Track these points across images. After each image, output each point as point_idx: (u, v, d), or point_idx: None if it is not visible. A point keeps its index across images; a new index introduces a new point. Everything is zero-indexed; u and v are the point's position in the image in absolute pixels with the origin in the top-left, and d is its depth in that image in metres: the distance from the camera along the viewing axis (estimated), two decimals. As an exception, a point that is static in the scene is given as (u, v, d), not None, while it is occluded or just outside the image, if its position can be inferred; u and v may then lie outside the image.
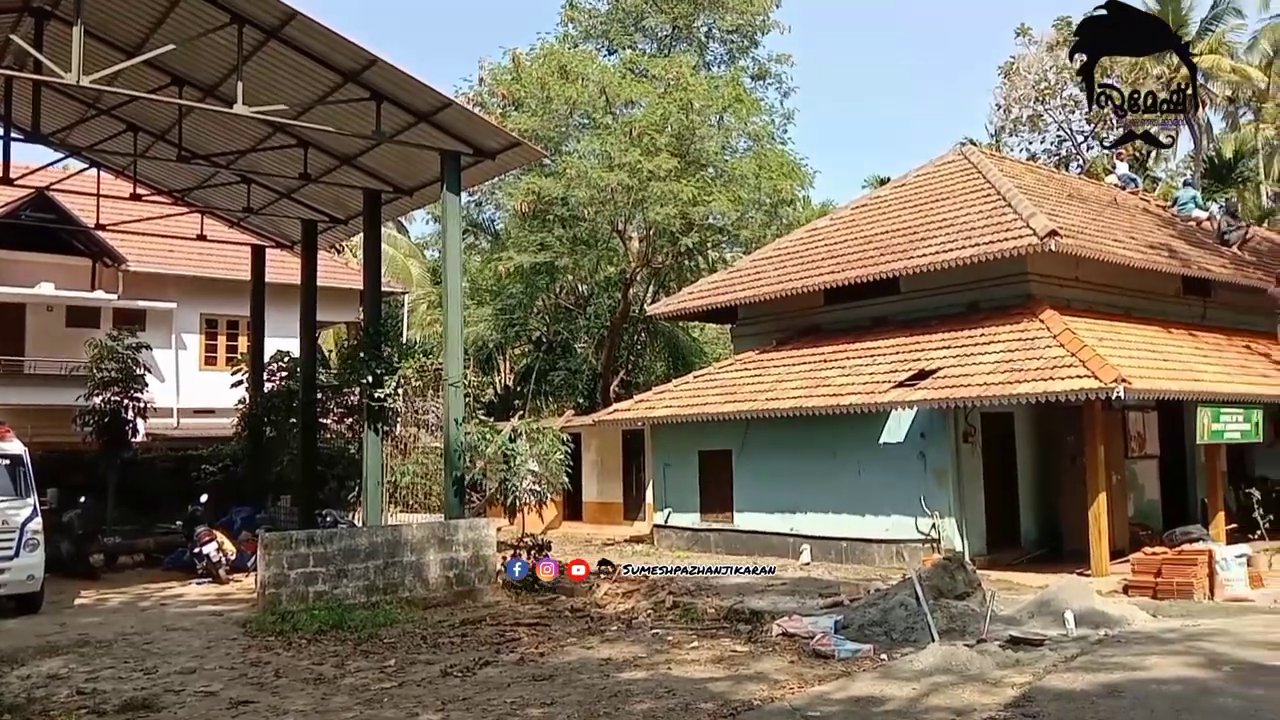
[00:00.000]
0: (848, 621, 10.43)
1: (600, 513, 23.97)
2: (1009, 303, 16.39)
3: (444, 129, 14.10)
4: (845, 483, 16.29)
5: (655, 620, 11.55)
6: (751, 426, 17.59)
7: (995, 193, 17.90)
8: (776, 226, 29.13)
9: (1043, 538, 16.27)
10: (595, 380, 33.20)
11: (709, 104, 27.13)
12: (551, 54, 28.56)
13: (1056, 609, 10.44)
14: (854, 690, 7.93)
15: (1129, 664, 8.50)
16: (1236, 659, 8.60)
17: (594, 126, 28.12)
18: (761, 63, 33.20)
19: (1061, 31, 37.98)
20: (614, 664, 9.23)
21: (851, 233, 19.92)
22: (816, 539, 16.61)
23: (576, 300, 33.90)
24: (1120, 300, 17.53)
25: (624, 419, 20.71)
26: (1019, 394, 13.63)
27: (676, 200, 25.78)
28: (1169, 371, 15.15)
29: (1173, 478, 18.14)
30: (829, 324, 19.19)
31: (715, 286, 21.67)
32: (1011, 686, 7.85)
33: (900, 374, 15.58)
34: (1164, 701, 7.28)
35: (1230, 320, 19.33)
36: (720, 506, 18.45)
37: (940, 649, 8.74)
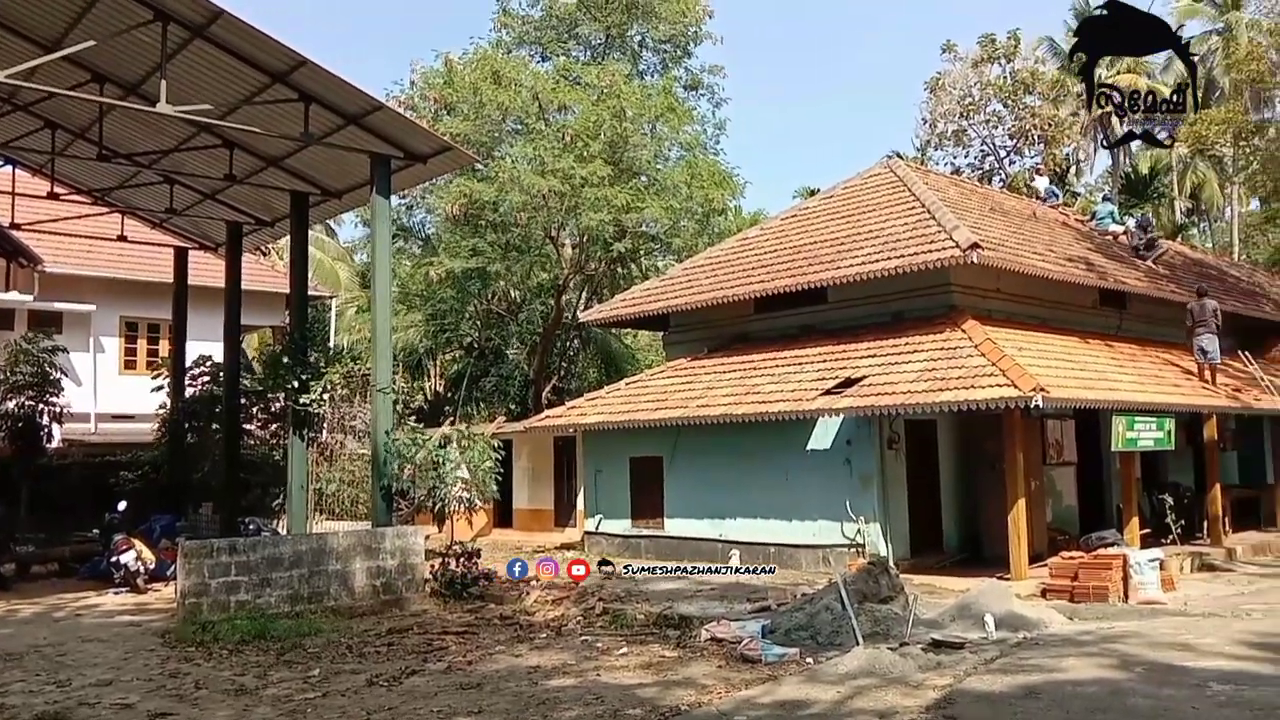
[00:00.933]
0: (775, 626, 10.55)
1: (531, 520, 23.86)
2: (933, 313, 16.74)
3: (374, 132, 13.95)
4: (774, 489, 16.47)
5: (585, 627, 11.54)
6: (682, 433, 17.70)
7: (920, 206, 18.28)
8: (708, 235, 29.38)
9: (964, 542, 16.63)
10: (527, 387, 33.11)
11: (642, 112, 27.28)
12: (484, 59, 28.45)
13: (977, 612, 10.69)
14: (780, 694, 8.02)
15: (1046, 666, 8.73)
16: (1148, 660, 8.89)
17: (527, 132, 28.08)
18: (694, 73, 33.51)
19: (986, 49, 38.96)
20: (543, 671, 9.21)
21: (781, 243, 20.17)
22: (745, 544, 16.74)
23: (509, 306, 33.76)
24: (1039, 311, 18.02)
25: (556, 426, 20.67)
26: (941, 402, 13.93)
27: (610, 207, 25.84)
28: (1086, 381, 15.60)
29: (1089, 484, 18.68)
30: (759, 332, 19.40)
31: (648, 294, 21.76)
32: (933, 689, 8.02)
33: (827, 382, 15.81)
34: (1079, 702, 7.50)
35: (1144, 331, 19.99)
36: (651, 513, 18.51)
37: (864, 652, 8.89)
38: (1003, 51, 38.93)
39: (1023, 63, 39.53)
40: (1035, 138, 38.67)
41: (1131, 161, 43.39)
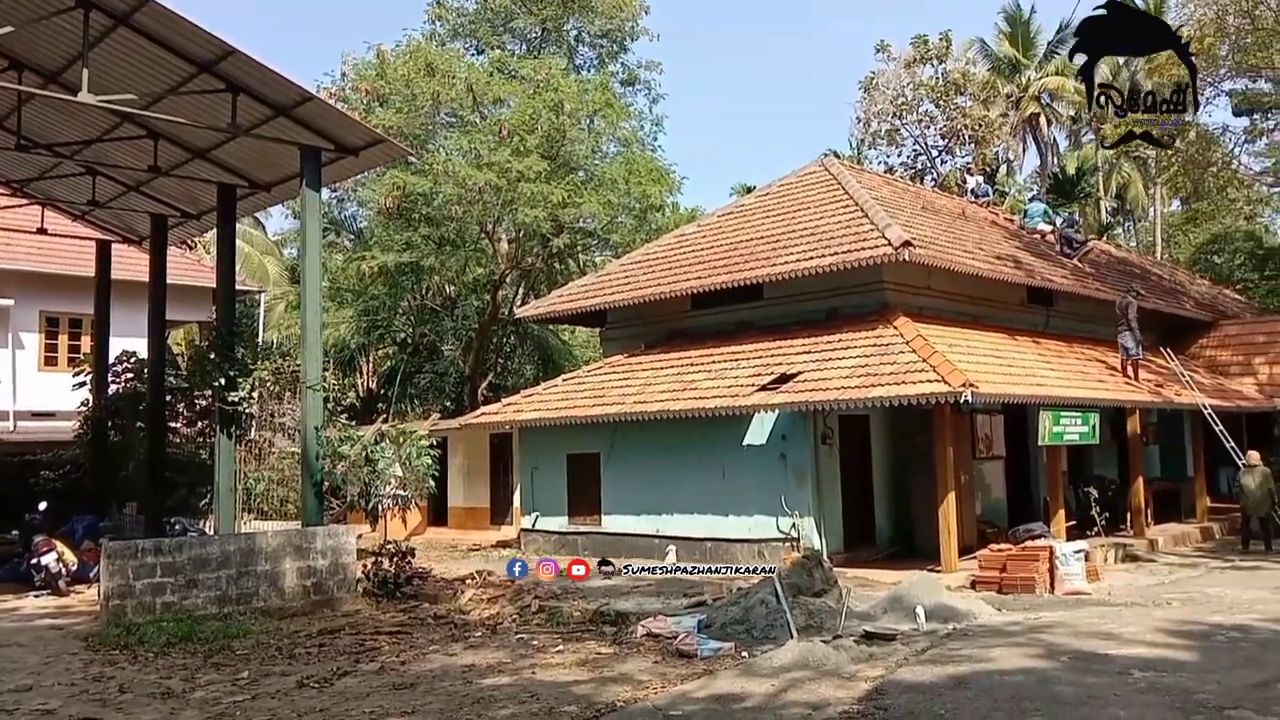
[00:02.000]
0: (710, 620, 10.60)
1: (466, 518, 23.67)
2: (866, 310, 16.96)
3: (304, 124, 13.68)
4: (710, 484, 16.55)
5: (520, 625, 11.48)
6: (619, 429, 17.69)
7: (854, 204, 18.50)
8: (646, 231, 29.39)
9: (896, 536, 16.87)
10: (463, 383, 32.84)
11: (579, 107, 27.18)
12: (418, 51, 28.11)
13: (908, 604, 10.85)
14: (715, 688, 8.06)
15: (975, 656, 8.90)
16: (1073, 649, 9.11)
17: (461, 125, 27.82)
18: (631, 68, 33.50)
19: (919, 49, 39.56)
20: (477, 670, 9.13)
21: (718, 239, 20.27)
22: (682, 540, 16.81)
23: (443, 302, 33.43)
24: (969, 308, 18.35)
25: (492, 422, 20.53)
26: (874, 397, 14.11)
27: (546, 202, 25.71)
28: (1014, 376, 15.93)
29: (1017, 477, 19.07)
30: (696, 328, 19.47)
31: (585, 290, 21.71)
32: (865, 680, 8.13)
33: (763, 378, 15.92)
34: (1007, 691, 7.66)
35: (1071, 328, 20.48)
36: (588, 509, 18.48)
37: (798, 645, 8.97)
38: (935, 53, 39.58)
39: (954, 64, 40.25)
40: (966, 138, 39.39)
41: (1059, 162, 44.41)
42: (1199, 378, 20.66)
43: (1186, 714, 6.87)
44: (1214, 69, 26.52)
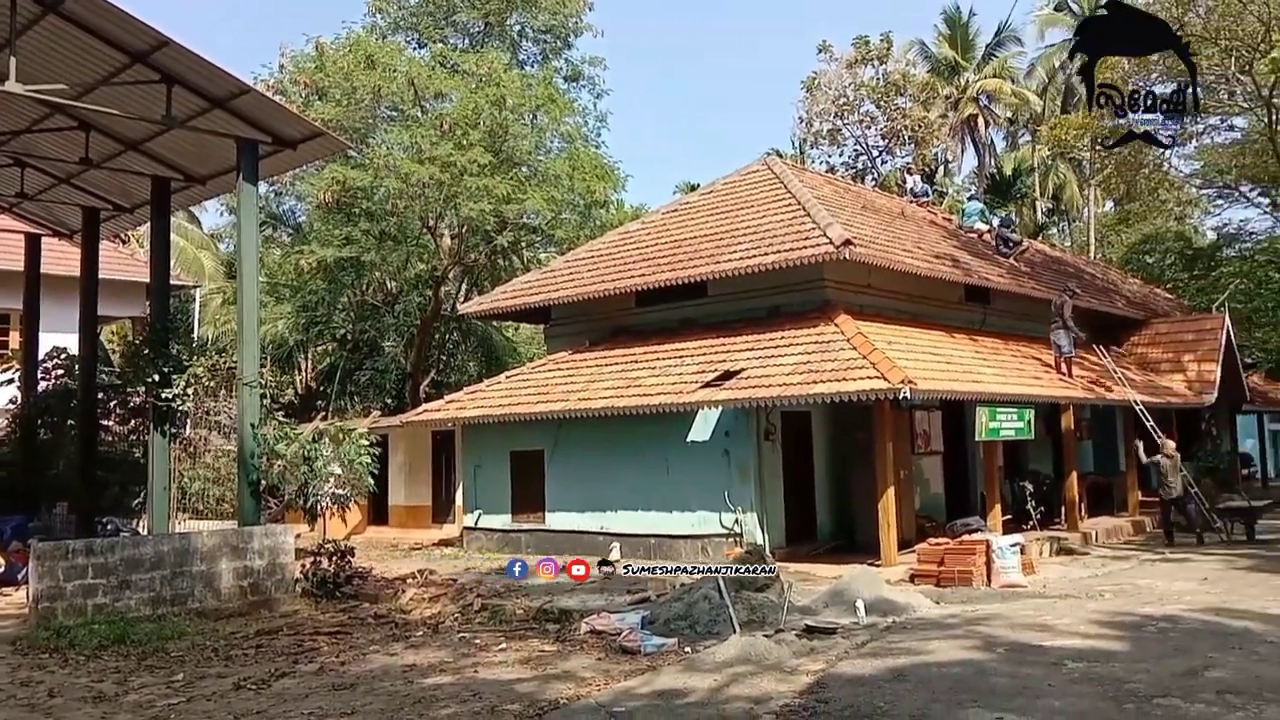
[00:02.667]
0: (654, 616, 10.62)
1: (408, 516, 23.43)
2: (808, 307, 17.11)
3: (241, 116, 13.43)
4: (654, 481, 16.58)
5: (463, 624, 11.40)
6: (564, 426, 17.64)
7: (796, 203, 18.65)
8: (590, 228, 29.33)
9: (837, 530, 17.05)
10: (404, 380, 32.51)
11: (522, 102, 27.01)
12: (358, 44, 27.72)
13: (849, 598, 10.98)
14: (659, 684, 8.08)
15: (914, 649, 9.03)
16: (1009, 641, 9.28)
17: (403, 119, 27.51)
18: (574, 64, 33.34)
19: (860, 50, 39.97)
20: (419, 670, 9.05)
21: (662, 237, 20.30)
22: (626, 536, 16.82)
23: (384, 298, 33.04)
24: (908, 306, 18.61)
25: (434, 420, 20.34)
26: (816, 394, 14.25)
27: (490, 196, 25.53)
28: (951, 373, 16.18)
29: (955, 472, 19.39)
30: (640, 325, 19.49)
31: (529, 286, 21.61)
32: (806, 674, 8.20)
33: (707, 375, 15.99)
34: (945, 683, 7.78)
35: (1007, 326, 20.86)
36: (532, 507, 18.41)
37: (740, 640, 9.02)
38: (876, 54, 40.02)
39: (895, 65, 40.74)
40: (906, 138, 39.90)
41: (996, 163, 45.22)
42: (1131, 374, 21.17)
43: (1118, 703, 7.04)
44: (1146, 73, 27.19)
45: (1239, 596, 11.59)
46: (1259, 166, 28.46)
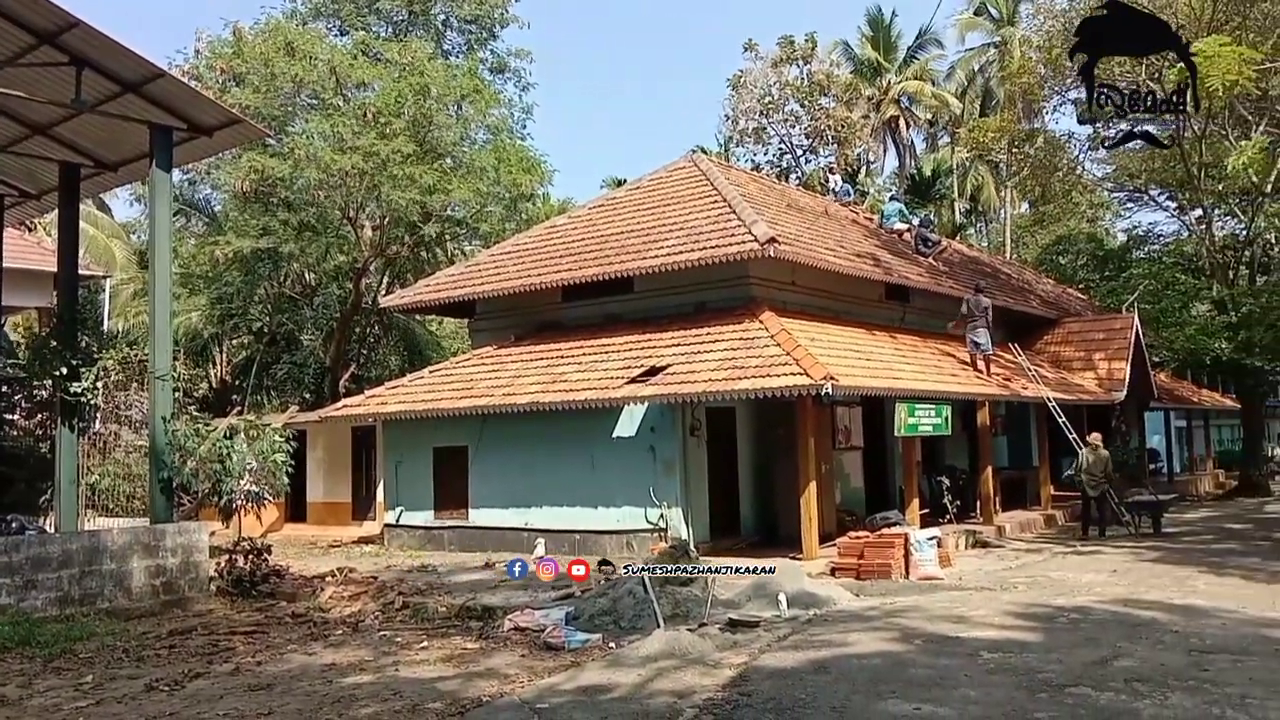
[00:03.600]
0: (579, 612, 10.59)
1: (327, 513, 23.00)
2: (733, 304, 17.22)
3: (155, 101, 13.01)
4: (580, 476, 16.53)
5: (384, 622, 11.23)
6: (488, 422, 17.49)
7: (722, 200, 18.75)
8: (516, 221, 29.10)
9: (760, 524, 17.21)
10: (323, 375, 31.90)
11: (447, 92, 26.65)
12: (277, 29, 27.08)
13: (771, 591, 11.08)
14: (583, 680, 8.05)
15: (835, 641, 9.15)
16: (927, 633, 9.46)
17: (324, 107, 26.93)
18: (500, 56, 33.07)
19: (785, 49, 40.38)
20: (338, 669, 8.88)
21: (589, 232, 20.24)
22: (551, 532, 16.73)
23: (303, 290, 32.35)
24: (830, 304, 18.86)
25: (354, 415, 19.97)
26: (740, 390, 14.34)
27: (415, 186, 25.17)
28: (872, 370, 16.43)
29: (874, 467, 19.73)
30: (567, 320, 19.41)
31: (453, 279, 21.36)
32: (730, 667, 8.26)
33: (633, 370, 15.99)
34: (864, 674, 7.90)
35: (925, 324, 21.28)
36: (455, 503, 18.21)
37: (665, 634, 9.04)
38: (801, 54, 40.47)
39: (819, 65, 41.24)
40: (829, 138, 40.44)
41: (917, 163, 46.11)
42: (1044, 372, 21.74)
43: (1031, 693, 7.22)
44: (1061, 79, 27.94)
45: (1146, 588, 11.98)
46: (1167, 171, 29.42)
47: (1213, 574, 12.97)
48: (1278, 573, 12.85)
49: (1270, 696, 6.95)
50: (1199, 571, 13.21)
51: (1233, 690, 7.11)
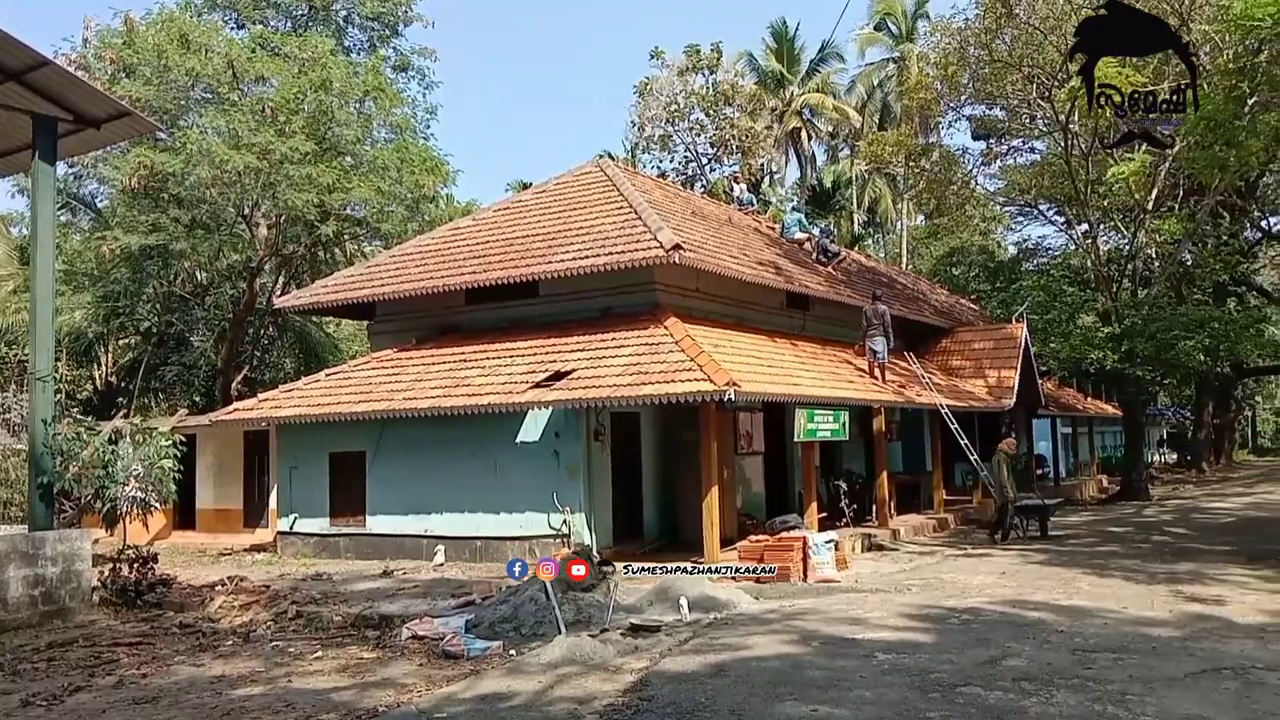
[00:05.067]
0: (479, 620, 10.48)
1: (217, 520, 22.27)
2: (638, 309, 17.27)
3: (38, 91, 12.46)
4: (482, 482, 16.35)
5: (277, 632, 10.93)
6: (387, 426, 17.17)
7: (628, 205, 18.79)
8: (418, 222, 28.70)
9: (664, 529, 17.28)
10: (214, 377, 30.93)
11: (348, 89, 26.14)
12: (171, 20, 26.22)
13: (673, 596, 11.14)
14: (482, 688, 7.96)
15: (734, 644, 9.24)
16: (824, 635, 9.62)
17: (219, 102, 26.13)
18: (404, 54, 32.61)
19: (691, 58, 40.77)
20: (228, 681, 8.61)
21: (494, 234, 20.05)
22: (451, 539, 16.52)
23: (194, 289, 31.33)
24: (734, 310, 19.07)
25: (246, 419, 19.36)
26: (644, 395, 14.38)
27: (314, 185, 24.59)
28: (773, 376, 16.66)
29: (775, 472, 20.00)
30: (470, 324, 19.20)
31: (352, 280, 20.91)
32: (631, 672, 8.26)
33: (538, 375, 15.90)
34: (763, 676, 7.98)
35: (824, 332, 21.68)
36: (352, 510, 17.82)
37: (566, 641, 9.00)
38: (706, 63, 40.90)
39: (724, 75, 41.75)
40: (734, 147, 40.95)
41: (818, 175, 47.02)
42: (937, 379, 22.36)
43: (924, 693, 7.39)
44: (956, 95, 28.86)
45: (1033, 589, 12.40)
46: (1056, 187, 30.62)
47: (1096, 575, 13.48)
48: (1156, 574, 13.43)
49: (1148, 693, 7.26)
50: (1083, 573, 13.71)
51: (1113, 687, 7.40)
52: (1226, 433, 46.38)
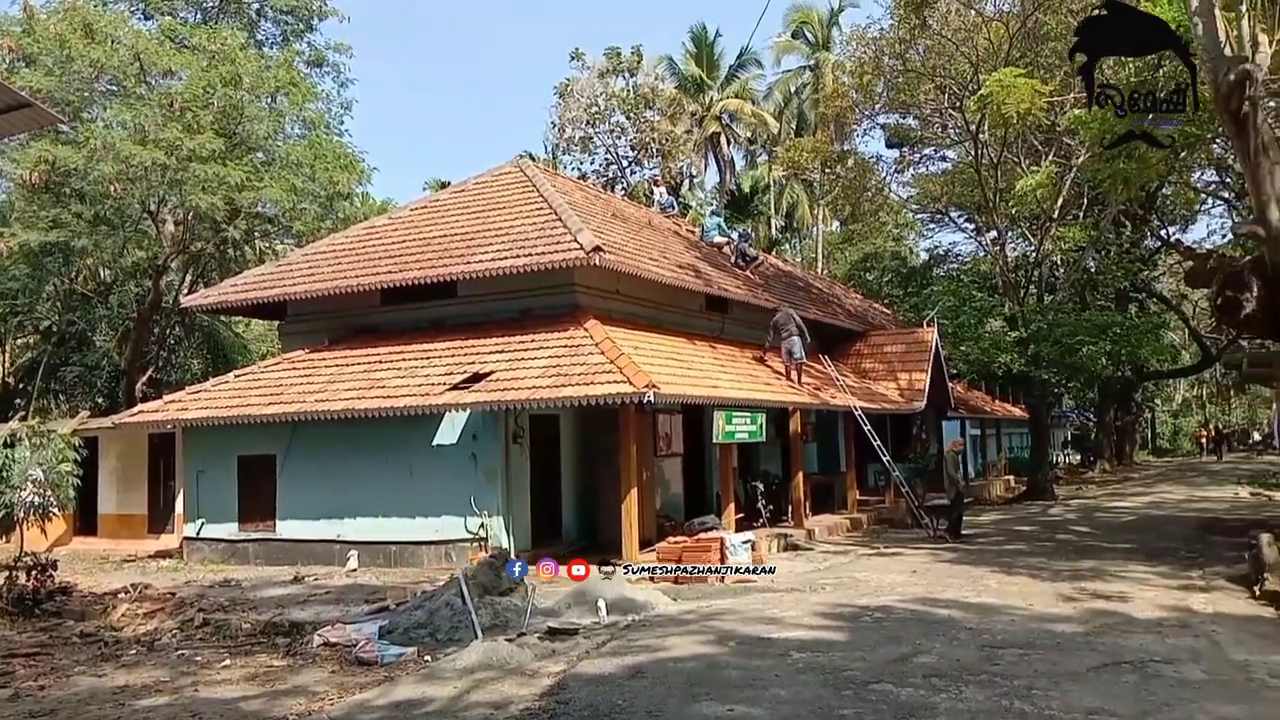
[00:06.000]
0: (393, 626, 10.30)
1: (120, 526, 21.51)
2: (558, 311, 17.21)
3: (-73, 76, 11.92)
4: (397, 486, 16.11)
5: (183, 640, 10.59)
6: (299, 429, 16.81)
7: (548, 206, 18.72)
8: (332, 221, 28.21)
9: (583, 531, 17.25)
10: (118, 378, 29.99)
11: (260, 84, 25.54)
12: (73, 9, 25.31)
13: (591, 598, 11.11)
14: (396, 695, 7.83)
15: (652, 645, 9.25)
16: (741, 634, 9.69)
17: (125, 95, 25.32)
18: (318, 49, 32.03)
19: (611, 60, 40.80)
20: (131, 691, 8.31)
21: (411, 234, 19.79)
22: (365, 544, 16.25)
23: (97, 287, 30.28)
24: (653, 313, 19.14)
25: (151, 421, 18.74)
26: (564, 397, 14.34)
27: (222, 184, 23.95)
28: (692, 378, 16.76)
29: (694, 473, 20.11)
30: (386, 324, 18.90)
31: (263, 279, 20.42)
32: (548, 676, 8.21)
33: (455, 377, 15.73)
34: (680, 677, 8.01)
35: (743, 334, 21.88)
36: (262, 515, 17.40)
37: (483, 645, 8.90)
38: (627, 66, 40.98)
39: (644, 79, 41.89)
40: (654, 150, 41.09)
41: (737, 180, 47.48)
42: (851, 382, 22.74)
43: (837, 690, 7.50)
44: (871, 103, 29.42)
45: (943, 587, 12.67)
46: (966, 195, 31.44)
47: (1003, 573, 13.84)
48: (1061, 571, 13.84)
49: (1052, 687, 7.47)
50: (991, 571, 14.06)
51: (1020, 682, 7.60)
52: (1127, 434, 48.13)
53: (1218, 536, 17.62)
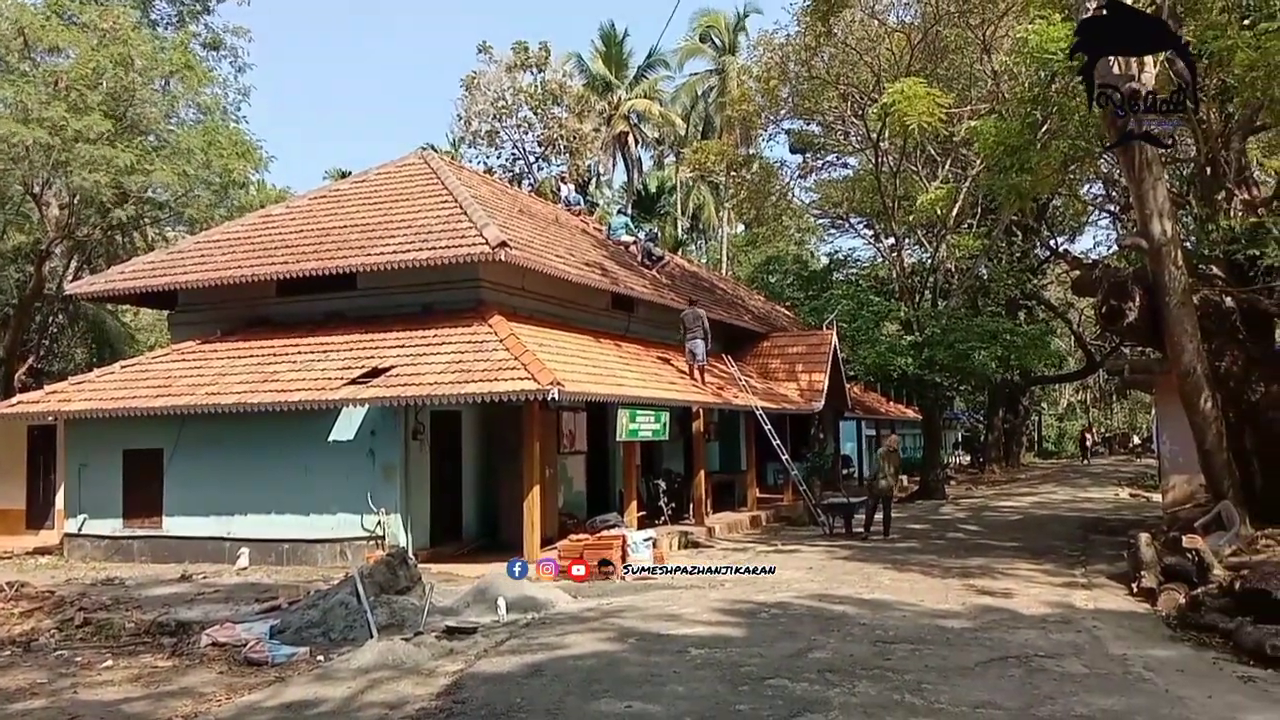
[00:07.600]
0: (285, 625, 10.06)
1: (-5, 521, 20.56)
2: (462, 306, 17.01)
3: None
4: (291, 483, 15.71)
5: (62, 640, 10.15)
6: (188, 423, 16.27)
7: (453, 200, 18.49)
8: (226, 208, 27.37)
9: (484, 529, 17.10)
10: (-5, 367, 28.56)
11: (153, 65, 24.62)
12: (-48, -21, 24.06)
13: (491, 597, 11.02)
14: (288, 696, 7.64)
15: (551, 643, 9.23)
16: (640, 631, 9.74)
17: (7, 71, 24.14)
18: (216, 32, 30.96)
19: (519, 55, 40.51)
20: (5, 694, 7.94)
21: (309, 224, 19.33)
22: (257, 542, 15.80)
23: (-26, 272, 28.85)
24: (559, 310, 19.07)
25: (30, 413, 17.93)
26: (467, 394, 14.17)
27: (110, 166, 23.02)
28: (597, 376, 16.76)
29: (597, 471, 20.12)
30: (281, 316, 18.42)
31: (152, 267, 19.69)
32: (445, 675, 8.12)
33: (354, 371, 15.41)
34: (579, 675, 8.00)
35: (648, 333, 21.97)
36: (148, 511, 16.78)
37: (379, 645, 8.75)
38: (535, 61, 40.73)
39: (552, 75, 41.69)
40: (561, 147, 40.95)
41: (644, 179, 47.68)
42: (753, 382, 23.03)
43: (734, 685, 7.59)
44: (776, 108, 29.86)
45: (838, 584, 12.94)
46: (866, 201, 32.13)
47: (896, 570, 14.20)
48: (951, 569, 14.25)
49: (943, 681, 7.69)
50: (884, 568, 14.41)
51: (911, 677, 7.80)
52: (1015, 436, 49.78)
53: (1099, 536, 18.38)
